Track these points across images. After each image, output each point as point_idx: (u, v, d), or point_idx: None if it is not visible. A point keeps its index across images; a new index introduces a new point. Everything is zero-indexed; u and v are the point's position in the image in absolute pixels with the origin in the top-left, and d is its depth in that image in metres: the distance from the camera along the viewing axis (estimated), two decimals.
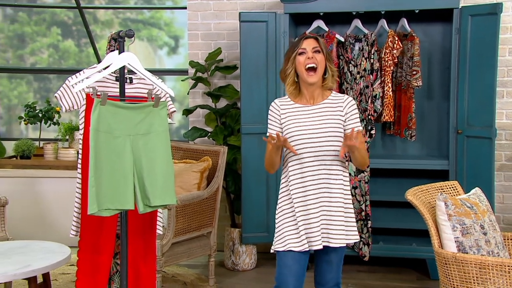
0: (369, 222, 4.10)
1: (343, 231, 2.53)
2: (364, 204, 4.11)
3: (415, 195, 3.00)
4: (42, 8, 5.46)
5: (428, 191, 3.09)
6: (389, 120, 4.09)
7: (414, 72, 3.98)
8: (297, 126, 2.54)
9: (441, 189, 3.14)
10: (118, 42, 2.69)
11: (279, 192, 2.63)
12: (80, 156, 2.92)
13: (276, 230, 2.62)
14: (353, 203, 4.08)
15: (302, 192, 2.54)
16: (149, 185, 2.54)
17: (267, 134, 2.57)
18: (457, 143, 3.98)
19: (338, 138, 2.54)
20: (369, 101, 4.07)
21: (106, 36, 5.41)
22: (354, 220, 2.61)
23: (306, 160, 2.53)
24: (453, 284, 2.72)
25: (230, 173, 4.44)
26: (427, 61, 4.29)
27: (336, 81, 2.62)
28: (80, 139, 2.91)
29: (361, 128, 2.61)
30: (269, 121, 2.64)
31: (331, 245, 2.53)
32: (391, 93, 4.05)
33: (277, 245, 2.58)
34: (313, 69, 2.52)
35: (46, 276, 3.19)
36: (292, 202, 2.55)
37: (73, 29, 5.55)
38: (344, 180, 2.57)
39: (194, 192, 3.86)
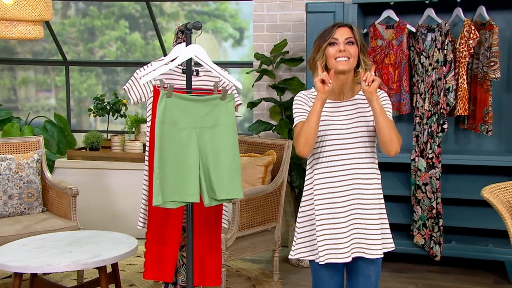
0: (441, 220, 3.97)
1: (380, 240, 2.35)
2: (435, 201, 3.99)
3: (492, 193, 2.88)
4: (112, 1, 5.63)
5: (507, 189, 2.96)
6: (463, 114, 3.96)
7: (492, 63, 3.81)
8: (325, 125, 2.34)
9: None
10: (185, 34, 2.72)
11: (303, 195, 2.45)
12: (147, 148, 2.98)
13: (299, 236, 2.45)
14: (423, 200, 4.05)
15: (330, 198, 2.35)
16: (215, 178, 2.55)
17: (295, 123, 2.38)
18: None
19: (372, 138, 2.37)
20: (442, 94, 3.95)
21: (172, 29, 5.51)
22: (388, 227, 2.43)
23: (336, 164, 2.34)
24: None
25: (295, 168, 4.42)
26: (507, 52, 4.10)
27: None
28: (147, 131, 2.98)
29: (391, 118, 2.36)
30: (297, 110, 2.39)
31: (367, 256, 2.35)
32: (465, 85, 3.91)
33: (302, 253, 2.43)
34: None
35: (114, 266, 3.29)
36: (314, 209, 2.38)
37: (140, 22, 5.69)
38: (377, 184, 2.39)
39: (259, 186, 3.87)
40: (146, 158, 3.01)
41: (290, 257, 2.49)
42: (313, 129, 2.28)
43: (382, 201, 2.42)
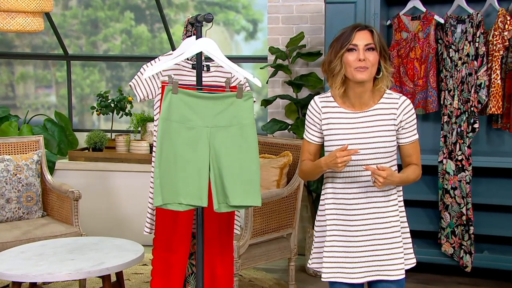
0: (471, 228, 3.94)
1: (401, 259, 2.36)
2: (465, 207, 3.96)
3: None
4: None
5: None
6: (496, 113, 3.93)
7: None
8: (339, 139, 2.34)
9: None
10: (195, 27, 2.71)
11: (319, 204, 2.46)
12: (154, 149, 2.98)
13: (315, 245, 2.48)
14: (452, 206, 4.02)
15: (343, 215, 2.36)
16: (228, 182, 2.52)
17: (303, 136, 2.47)
18: None
19: (391, 152, 2.36)
20: (472, 91, 3.92)
21: (180, 21, 5.53)
22: (410, 241, 2.43)
23: (352, 175, 2.34)
24: None
25: None
26: None
27: (392, 82, 2.38)
28: (154, 130, 2.98)
29: (417, 137, 2.39)
30: (307, 124, 2.46)
31: (391, 278, 2.34)
32: (499, 81, 3.88)
33: (318, 264, 2.46)
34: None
35: (119, 274, 3.31)
36: (326, 226, 2.40)
37: (146, 13, 5.71)
38: (398, 200, 2.39)
39: (273, 189, 3.86)
40: (154, 159, 3.01)
41: (308, 266, 2.49)
42: (313, 178, 2.44)
43: (404, 216, 2.42)
